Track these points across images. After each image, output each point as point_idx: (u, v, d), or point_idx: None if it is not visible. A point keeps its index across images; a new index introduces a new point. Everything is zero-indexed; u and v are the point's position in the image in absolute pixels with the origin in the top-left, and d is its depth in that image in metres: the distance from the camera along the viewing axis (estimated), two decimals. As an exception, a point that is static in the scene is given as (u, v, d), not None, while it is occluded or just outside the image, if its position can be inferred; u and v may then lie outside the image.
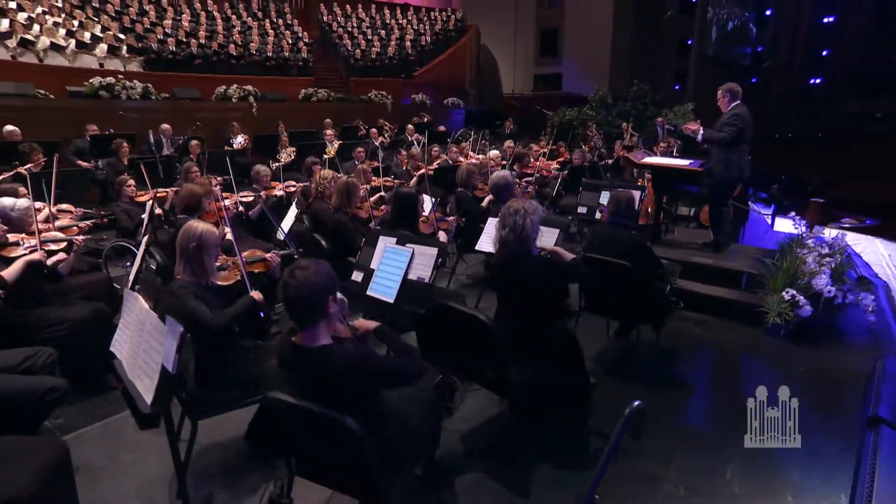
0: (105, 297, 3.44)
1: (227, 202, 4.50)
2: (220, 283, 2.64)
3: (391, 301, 2.45)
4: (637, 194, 4.38)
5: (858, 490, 2.17)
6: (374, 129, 9.92)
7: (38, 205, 4.23)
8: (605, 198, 4.50)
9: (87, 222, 4.00)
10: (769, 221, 7.99)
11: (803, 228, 4.41)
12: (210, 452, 2.55)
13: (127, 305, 1.95)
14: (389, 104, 12.88)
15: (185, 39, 12.27)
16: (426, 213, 3.79)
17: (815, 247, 4.21)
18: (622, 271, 3.02)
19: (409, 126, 10.66)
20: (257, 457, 2.44)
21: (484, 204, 4.49)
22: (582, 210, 4.71)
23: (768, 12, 22.49)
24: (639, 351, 3.64)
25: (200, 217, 3.50)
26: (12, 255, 3.17)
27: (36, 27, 10.26)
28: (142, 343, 1.83)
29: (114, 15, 12.38)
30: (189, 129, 8.09)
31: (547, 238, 3.18)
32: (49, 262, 3.17)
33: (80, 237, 3.58)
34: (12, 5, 10.75)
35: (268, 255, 2.92)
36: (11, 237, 3.32)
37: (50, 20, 10.81)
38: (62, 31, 10.59)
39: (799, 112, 20.17)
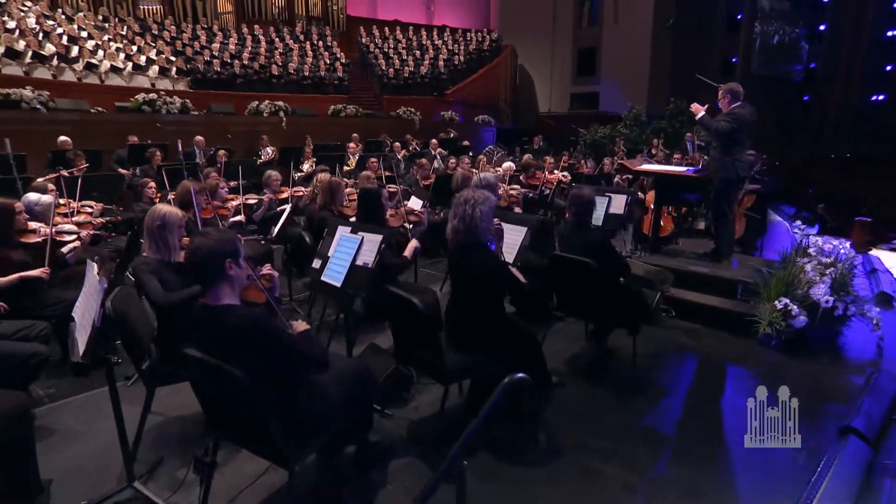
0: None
1: (232, 203, 4.81)
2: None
3: (338, 286, 2.57)
4: (624, 198, 4.34)
5: (804, 496, 2.09)
6: (397, 144, 10.21)
7: (63, 201, 4.69)
8: (598, 204, 4.44)
9: (102, 219, 4.36)
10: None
11: (803, 236, 4.23)
12: (171, 424, 2.71)
13: (87, 275, 2.15)
14: (418, 120, 13.21)
15: (229, 61, 13.11)
16: (392, 207, 3.90)
17: (816, 256, 4.02)
18: (583, 268, 3.02)
19: (434, 141, 10.90)
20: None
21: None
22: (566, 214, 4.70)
23: (822, 27, 21.61)
24: (616, 355, 3.58)
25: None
26: (30, 241, 3.54)
27: (101, 52, 11.30)
28: (88, 303, 2.03)
29: (168, 41, 13.41)
30: (221, 141, 8.61)
31: (514, 235, 3.21)
32: (65, 249, 3.54)
33: (87, 232, 3.92)
34: (84, 34, 11.90)
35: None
36: (31, 225, 3.69)
37: (113, 46, 11.87)
38: (122, 56, 11.59)
39: (857, 130, 19.11)
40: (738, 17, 20.43)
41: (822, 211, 11.24)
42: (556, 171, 6.75)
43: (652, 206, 5.96)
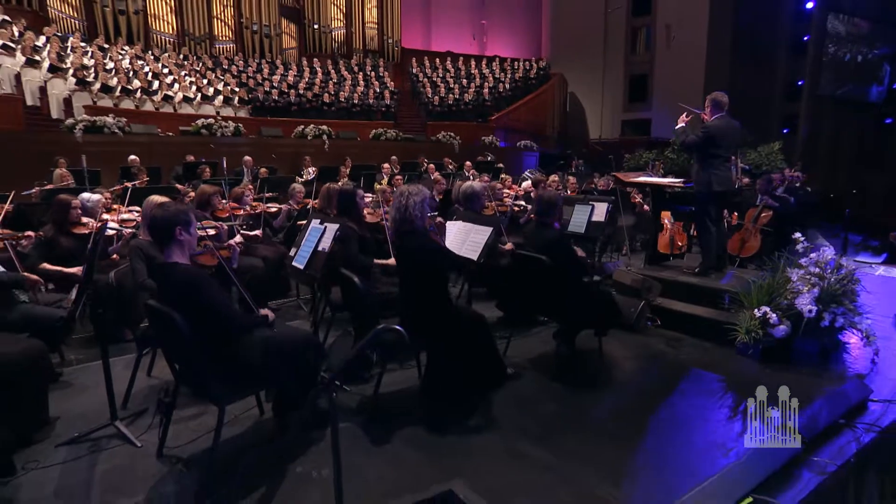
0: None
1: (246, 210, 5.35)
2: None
3: (301, 267, 2.93)
4: (604, 207, 4.44)
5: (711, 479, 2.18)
6: (432, 165, 10.69)
7: (115, 206, 5.46)
8: (578, 212, 4.58)
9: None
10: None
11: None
12: (164, 384, 3.13)
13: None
14: (457, 145, 13.70)
15: (286, 90, 14.30)
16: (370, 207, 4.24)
17: (806, 266, 3.94)
18: (539, 266, 3.20)
19: (468, 163, 11.30)
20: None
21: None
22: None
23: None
24: (583, 357, 3.64)
25: (213, 213, 4.33)
26: (80, 232, 4.20)
27: (176, 85, 12.76)
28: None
29: (235, 74, 14.84)
30: (268, 160, 9.45)
31: (479, 235, 3.45)
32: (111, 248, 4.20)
33: (130, 230, 4.57)
34: (165, 70, 13.51)
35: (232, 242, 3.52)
36: (83, 219, 4.37)
37: (188, 80, 13.35)
38: (193, 88, 13.01)
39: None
40: (805, 38, 19.62)
41: (894, 239, 10.50)
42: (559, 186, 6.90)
43: (667, 223, 5.98)
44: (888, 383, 3.22)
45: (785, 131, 20.39)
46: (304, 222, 4.55)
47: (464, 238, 3.58)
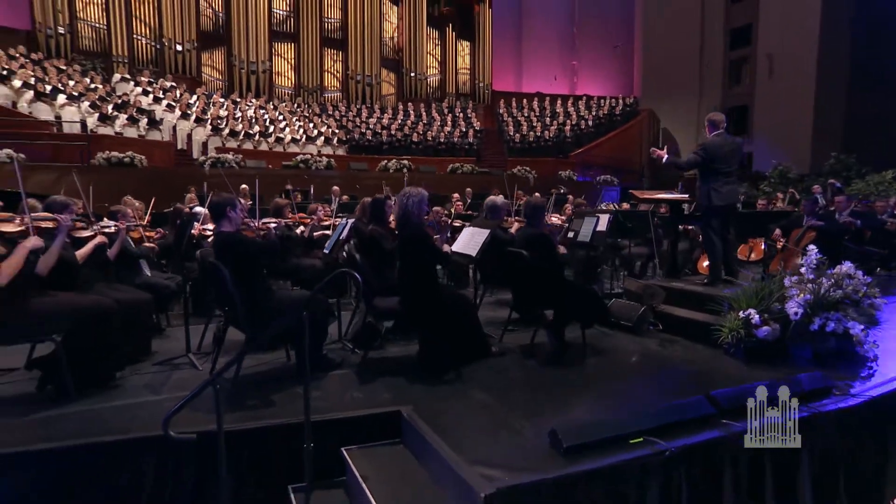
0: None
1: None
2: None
3: (328, 251, 3.81)
4: (606, 218, 4.78)
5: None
6: (501, 195, 11.41)
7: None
8: (586, 223, 4.96)
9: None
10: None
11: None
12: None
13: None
14: (532, 178, 14.30)
15: (380, 131, 16.02)
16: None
17: (803, 273, 4.02)
18: (520, 259, 3.74)
19: (537, 194, 11.83)
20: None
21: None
22: (570, 234, 5.21)
23: None
24: (573, 349, 3.98)
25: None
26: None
27: (287, 129, 14.98)
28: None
29: (337, 118, 16.96)
30: (352, 190, 10.81)
31: (478, 237, 4.06)
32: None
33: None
34: (280, 116, 15.92)
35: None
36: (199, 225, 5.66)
37: (297, 124, 15.58)
38: (301, 130, 15.16)
39: None
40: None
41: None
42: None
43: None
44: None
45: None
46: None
47: (469, 238, 4.24)
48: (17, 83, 11.40)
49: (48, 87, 11.77)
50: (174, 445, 2.29)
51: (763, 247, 6.37)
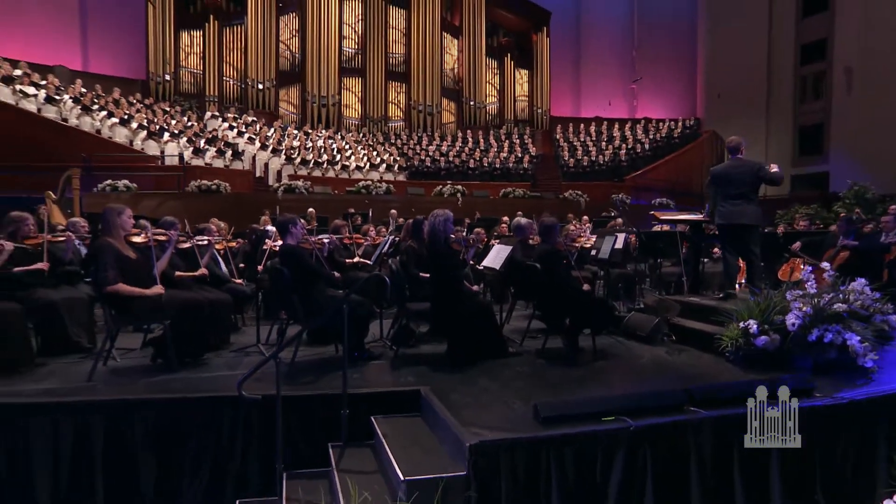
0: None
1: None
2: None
3: (371, 262, 4.53)
4: (623, 237, 5.15)
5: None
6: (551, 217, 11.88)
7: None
8: (606, 241, 5.35)
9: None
10: None
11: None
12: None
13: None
14: (583, 202, 14.59)
15: (438, 157, 16.97)
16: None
17: (807, 287, 4.24)
18: (533, 271, 4.26)
19: (584, 217, 12.17)
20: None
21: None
22: (593, 252, 5.59)
23: None
24: (584, 353, 4.40)
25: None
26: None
27: (352, 157, 16.29)
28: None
29: (399, 146, 18.13)
30: (409, 213, 11.70)
31: (503, 252, 4.64)
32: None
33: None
34: (346, 145, 17.32)
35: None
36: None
37: (362, 152, 16.88)
38: (365, 158, 16.42)
39: None
40: None
41: None
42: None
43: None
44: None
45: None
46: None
47: (496, 254, 4.84)
48: (134, 125, 13.46)
49: (157, 127, 13.78)
50: (245, 403, 3.02)
51: (803, 267, 6.42)
